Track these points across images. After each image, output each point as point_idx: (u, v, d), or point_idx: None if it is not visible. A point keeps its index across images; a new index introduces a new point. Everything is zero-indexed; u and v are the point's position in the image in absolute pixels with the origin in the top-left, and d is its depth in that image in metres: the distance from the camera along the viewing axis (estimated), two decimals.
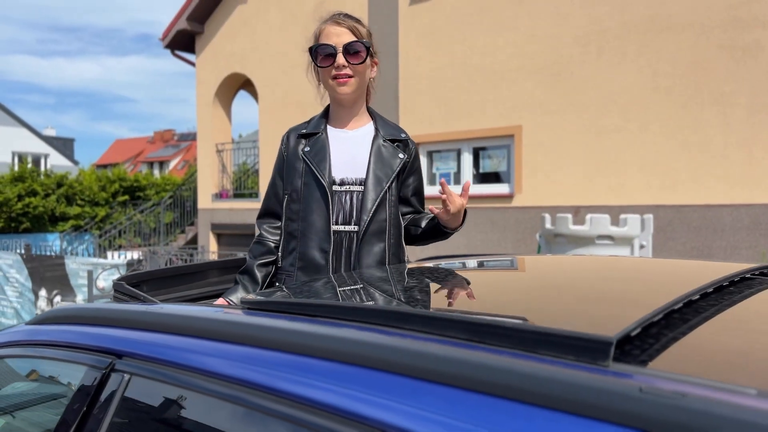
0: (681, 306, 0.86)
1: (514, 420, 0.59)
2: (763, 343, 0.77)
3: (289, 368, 0.79)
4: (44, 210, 15.20)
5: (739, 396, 0.54)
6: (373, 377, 0.71)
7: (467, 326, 0.75)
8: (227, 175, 12.12)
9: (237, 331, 0.89)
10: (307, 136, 1.86)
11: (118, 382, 0.93)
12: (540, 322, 0.77)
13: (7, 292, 8.00)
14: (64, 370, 1.07)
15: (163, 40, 11.80)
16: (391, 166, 1.82)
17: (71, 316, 1.12)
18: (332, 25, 1.79)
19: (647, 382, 0.56)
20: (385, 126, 1.90)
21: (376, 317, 0.84)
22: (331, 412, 0.71)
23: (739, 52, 6.33)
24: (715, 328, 0.80)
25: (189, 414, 0.87)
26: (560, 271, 1.20)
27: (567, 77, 7.45)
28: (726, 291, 1.02)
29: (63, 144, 42.97)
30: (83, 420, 0.93)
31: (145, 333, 0.97)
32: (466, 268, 1.35)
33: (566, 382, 0.59)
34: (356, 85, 1.80)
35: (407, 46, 8.91)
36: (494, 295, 1.03)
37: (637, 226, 5.58)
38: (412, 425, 0.64)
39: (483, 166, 8.47)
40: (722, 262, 1.26)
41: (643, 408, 0.52)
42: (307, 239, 1.76)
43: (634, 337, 0.72)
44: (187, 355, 0.89)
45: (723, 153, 6.44)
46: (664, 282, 1.02)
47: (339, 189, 1.78)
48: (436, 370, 0.67)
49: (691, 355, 0.70)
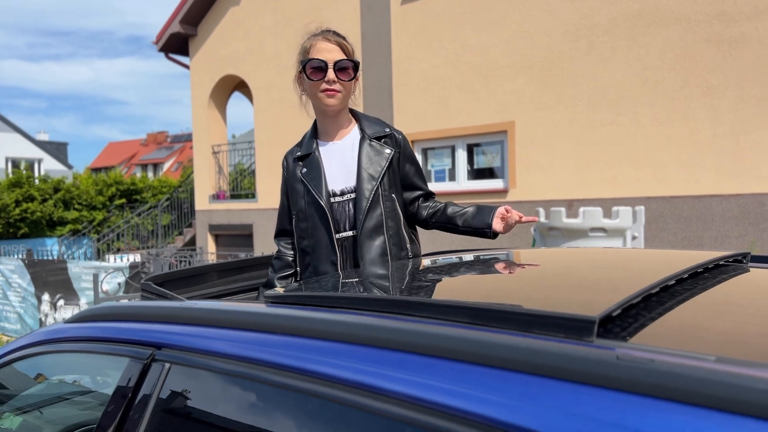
0: (658, 290, 0.97)
1: (512, 386, 0.70)
2: (726, 321, 0.89)
3: (310, 350, 0.90)
4: (42, 215, 15.26)
5: (700, 361, 0.66)
6: (388, 356, 0.82)
7: (470, 311, 0.86)
8: (224, 177, 12.20)
9: (261, 320, 1.00)
10: (302, 158, 1.98)
11: (159, 371, 1.04)
12: (533, 306, 0.89)
13: (10, 297, 8.08)
14: (106, 362, 1.18)
15: (157, 43, 11.86)
16: (379, 162, 1.94)
17: (109, 313, 1.23)
18: (323, 41, 1.91)
19: (623, 352, 0.68)
20: (369, 125, 2.01)
21: (389, 306, 0.96)
22: (349, 386, 0.82)
23: (726, 45, 6.46)
24: (686, 309, 0.92)
25: (224, 395, 0.98)
26: (551, 261, 1.32)
27: (558, 73, 7.58)
28: (700, 277, 1.14)
29: (56, 148, 42.86)
30: (129, 405, 1.04)
31: (181, 326, 1.08)
32: (465, 261, 1.47)
33: (556, 353, 0.70)
34: (342, 98, 1.93)
35: (400, 45, 9.02)
36: (492, 285, 1.14)
37: (629, 218, 5.71)
38: (423, 394, 0.75)
39: (477, 162, 8.59)
40: (699, 251, 1.38)
41: (618, 372, 0.64)
42: (318, 253, 1.90)
43: (616, 317, 0.84)
44: (220, 343, 1.01)
45: (711, 144, 6.58)
46: (644, 269, 1.13)
47: (340, 199, 1.91)
48: (443, 347, 0.78)
49: (664, 331, 0.82)
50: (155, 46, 11.98)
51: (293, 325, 0.96)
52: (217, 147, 12.04)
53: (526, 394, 0.68)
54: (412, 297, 1.00)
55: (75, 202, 16.21)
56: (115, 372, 1.12)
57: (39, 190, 15.50)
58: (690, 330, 0.83)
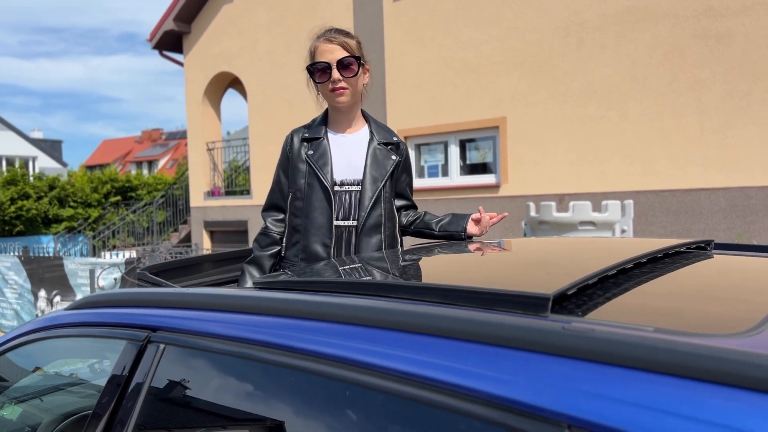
0: (615, 272, 1.05)
1: (475, 356, 0.78)
2: (674, 299, 0.97)
3: (296, 330, 0.98)
4: (37, 212, 15.28)
5: (639, 331, 0.74)
6: (366, 333, 0.90)
7: (440, 292, 0.94)
8: (218, 173, 12.26)
9: (250, 303, 1.08)
10: (309, 140, 2.05)
11: (155, 352, 1.12)
12: (499, 286, 0.97)
13: (6, 294, 8.14)
14: (105, 345, 1.25)
15: (151, 40, 11.89)
16: (385, 167, 2.04)
17: (106, 300, 1.30)
18: (325, 43, 1.98)
19: (569, 324, 0.76)
20: (378, 130, 2.11)
21: (368, 289, 1.04)
22: (332, 361, 0.89)
23: (713, 41, 6.55)
24: (639, 289, 1.00)
25: (215, 372, 1.06)
26: (522, 249, 1.40)
27: (549, 69, 7.66)
28: (660, 262, 1.22)
29: (51, 146, 42.74)
30: (126, 384, 1.12)
31: (175, 310, 1.15)
32: (445, 251, 1.55)
33: (512, 326, 0.78)
34: (351, 94, 2.01)
35: (393, 42, 9.08)
36: (466, 269, 1.22)
37: (618, 211, 5.80)
38: (398, 365, 0.83)
39: (470, 158, 8.67)
40: (666, 239, 1.46)
41: (563, 341, 0.72)
42: (310, 234, 1.97)
43: (571, 295, 0.92)
44: (211, 324, 1.08)
45: (699, 138, 6.67)
46: (607, 255, 1.21)
47: (339, 189, 1.99)
48: (417, 324, 0.86)
49: (615, 308, 0.90)
50: (149, 43, 12.01)
51: (281, 307, 1.03)
52: (211, 144, 12.08)
53: (486, 363, 0.76)
54: (389, 281, 1.08)
55: (70, 200, 16.24)
56: (113, 354, 1.20)
57: (34, 187, 15.52)
58: (639, 307, 0.91)
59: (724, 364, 0.62)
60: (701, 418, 0.59)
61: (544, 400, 0.68)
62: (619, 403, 0.64)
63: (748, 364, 0.61)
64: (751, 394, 0.60)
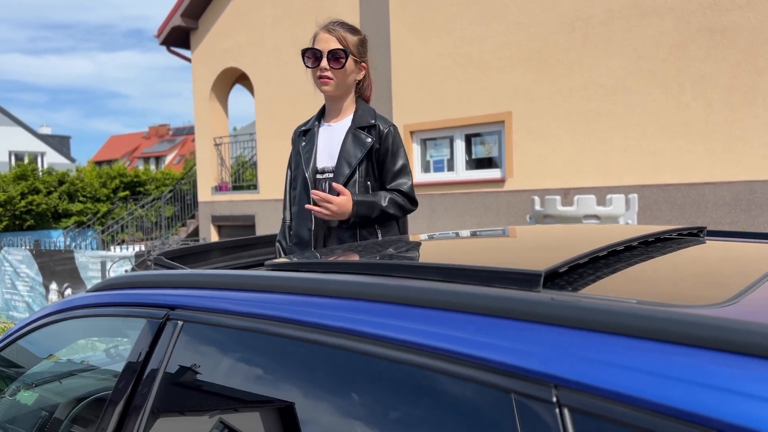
0: (606, 254, 1.12)
1: (473, 326, 0.84)
2: (658, 278, 1.04)
3: (306, 305, 1.04)
4: (47, 207, 15.43)
5: (622, 303, 0.80)
6: (375, 308, 0.97)
7: (440, 271, 1.01)
8: (226, 168, 12.35)
9: (261, 282, 1.15)
10: (305, 132, 2.18)
11: (173, 328, 1.19)
12: (498, 265, 1.03)
13: (18, 287, 8.26)
14: (126, 323, 1.33)
15: (159, 36, 11.98)
16: (357, 150, 2.07)
17: (127, 282, 1.37)
18: (324, 32, 2.08)
19: (558, 296, 0.82)
20: (360, 115, 2.13)
21: (374, 269, 1.11)
22: (338, 332, 0.96)
23: (718, 35, 6.57)
24: (628, 269, 1.06)
25: (228, 346, 1.13)
26: (524, 234, 1.47)
27: (554, 64, 7.69)
28: (651, 246, 1.28)
29: (59, 142, 43.00)
30: (147, 358, 1.19)
31: (191, 290, 1.23)
32: (451, 236, 1.61)
33: (506, 298, 0.85)
34: (336, 85, 2.08)
35: (398, 37, 9.13)
36: (469, 251, 1.29)
37: (622, 205, 5.85)
38: (404, 336, 0.90)
39: (475, 152, 8.72)
40: (661, 226, 1.52)
41: (550, 310, 0.78)
42: (299, 219, 2.11)
43: (563, 273, 0.99)
44: (225, 302, 1.15)
45: (704, 133, 6.70)
46: (602, 238, 1.28)
47: (321, 177, 2.09)
48: (418, 298, 0.93)
49: (603, 284, 0.97)
50: (156, 39, 12.09)
51: (290, 285, 1.10)
52: (219, 139, 12.17)
53: (482, 332, 0.83)
54: (391, 261, 1.15)
55: (79, 195, 16.39)
56: (133, 332, 1.27)
57: (44, 182, 15.68)
58: (626, 283, 0.98)
59: (695, 328, 0.69)
60: (673, 375, 0.66)
61: (533, 363, 0.75)
62: (601, 365, 0.71)
63: (716, 327, 0.67)
64: (715, 353, 0.66)
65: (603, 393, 0.69)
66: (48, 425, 1.56)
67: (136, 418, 1.16)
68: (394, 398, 0.87)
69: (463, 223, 8.46)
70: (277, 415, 1.03)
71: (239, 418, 1.09)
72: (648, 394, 0.66)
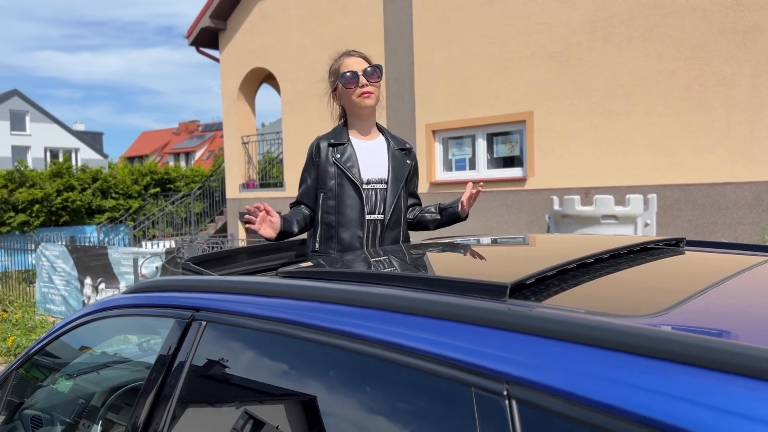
0: (575, 266, 1.26)
1: (445, 330, 1.00)
2: (615, 289, 1.17)
3: (311, 310, 1.21)
4: (81, 203, 15.93)
5: (572, 312, 0.95)
6: (365, 313, 1.13)
7: (426, 281, 1.17)
8: (253, 166, 12.62)
9: (276, 289, 1.31)
10: (335, 145, 2.33)
11: (198, 328, 1.37)
12: (476, 277, 1.18)
13: (55, 281, 8.62)
14: (156, 322, 1.51)
15: (188, 37, 12.28)
16: (403, 169, 2.36)
17: (157, 285, 1.56)
18: (348, 58, 2.30)
19: (514, 305, 0.97)
20: (393, 138, 2.42)
21: (368, 278, 1.27)
22: (338, 334, 1.12)
23: (740, 35, 6.56)
24: (591, 281, 1.20)
25: (247, 345, 1.30)
26: (506, 245, 1.61)
27: (575, 63, 7.74)
28: (623, 257, 1.42)
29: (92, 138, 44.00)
30: (175, 354, 1.37)
31: (214, 294, 1.40)
32: (439, 246, 1.76)
33: (473, 307, 1.00)
34: (376, 99, 2.31)
35: (421, 37, 9.25)
36: (454, 262, 1.44)
37: (640, 205, 5.90)
38: (395, 339, 1.05)
39: (497, 152, 8.81)
40: (643, 236, 1.65)
41: (505, 317, 0.93)
42: (345, 228, 2.26)
43: (530, 284, 1.13)
44: (245, 306, 1.32)
45: (726, 133, 6.70)
46: (579, 250, 1.42)
47: (366, 187, 2.28)
48: (407, 306, 1.08)
49: (563, 295, 1.11)
50: (186, 39, 12.40)
51: (302, 292, 1.27)
52: (246, 137, 12.44)
53: (450, 335, 0.98)
54: (384, 271, 1.31)
55: (112, 191, 16.88)
56: (163, 330, 1.45)
57: (78, 180, 16.19)
58: (584, 295, 1.12)
59: (621, 336, 0.83)
60: (595, 374, 0.80)
61: (490, 362, 0.90)
62: (543, 365, 0.86)
63: (636, 335, 0.82)
64: (638, 358, 0.80)
65: (544, 388, 0.84)
66: (88, 412, 1.76)
67: (165, 406, 1.34)
68: (379, 391, 1.03)
69: (485, 221, 8.56)
70: (286, 406, 1.20)
71: (254, 408, 1.26)
72: (576, 388, 0.81)
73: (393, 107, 9.60)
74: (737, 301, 1.04)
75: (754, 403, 0.68)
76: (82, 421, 1.75)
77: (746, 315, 0.98)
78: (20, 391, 1.98)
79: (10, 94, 36.56)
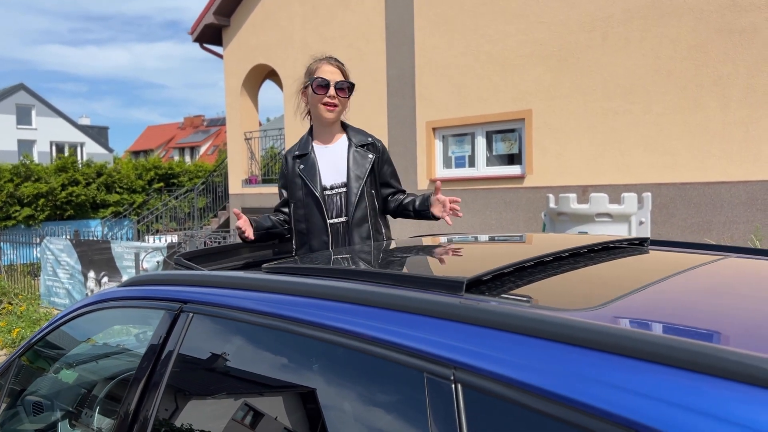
0: (533, 264, 1.35)
1: (404, 322, 1.09)
2: (566, 285, 1.27)
3: (290, 304, 1.31)
4: (86, 198, 16.09)
5: (517, 306, 1.05)
6: (336, 306, 1.23)
7: (390, 277, 1.26)
8: (256, 162, 12.73)
9: (257, 283, 1.41)
10: (300, 156, 2.44)
11: (186, 319, 1.47)
12: (438, 273, 1.28)
13: (59, 274, 8.76)
14: (147, 314, 1.62)
15: (192, 34, 12.38)
16: (364, 165, 2.40)
17: (149, 280, 1.66)
18: (327, 65, 2.36)
19: (465, 300, 1.07)
20: (354, 135, 2.46)
21: (342, 274, 1.37)
22: (314, 326, 1.22)
23: (736, 36, 6.62)
24: (544, 278, 1.30)
25: (230, 335, 1.40)
26: (475, 243, 1.71)
27: (574, 62, 7.81)
28: (585, 255, 1.51)
29: (98, 132, 44.17)
30: (164, 343, 1.48)
31: (202, 288, 1.50)
32: (407, 245, 1.86)
33: (434, 302, 1.09)
34: (339, 113, 2.41)
35: (422, 35, 9.33)
36: (418, 260, 1.54)
37: (634, 203, 5.97)
38: (361, 329, 1.15)
39: (496, 149, 8.90)
40: (610, 235, 1.74)
41: (456, 310, 1.03)
42: (313, 235, 2.37)
43: (487, 280, 1.23)
44: (229, 299, 1.42)
45: (721, 132, 6.77)
46: (542, 248, 1.51)
47: (330, 192, 2.36)
48: (376, 300, 1.18)
49: (516, 291, 1.20)
50: (190, 36, 12.50)
51: (280, 287, 1.37)
52: (249, 133, 12.55)
53: (407, 326, 1.08)
54: (355, 267, 1.41)
55: (116, 186, 17.03)
56: (154, 321, 1.56)
57: (83, 174, 16.34)
58: (535, 290, 1.22)
59: (555, 328, 0.93)
60: (530, 364, 0.90)
61: (440, 350, 1.00)
62: (491, 355, 0.96)
63: (568, 326, 0.91)
64: (567, 347, 0.90)
65: (485, 373, 0.94)
66: (85, 398, 1.87)
67: (155, 390, 1.44)
68: (346, 377, 1.13)
69: (484, 218, 8.65)
70: (264, 390, 1.30)
71: (235, 392, 1.36)
72: (515, 374, 0.90)
73: (394, 104, 9.68)
74: (672, 297, 1.14)
75: (635, 376, 0.78)
76: (80, 407, 1.86)
77: (675, 309, 1.07)
78: (22, 378, 2.09)
79: (17, 88, 36.77)
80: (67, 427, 1.86)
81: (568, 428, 0.82)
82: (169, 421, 1.39)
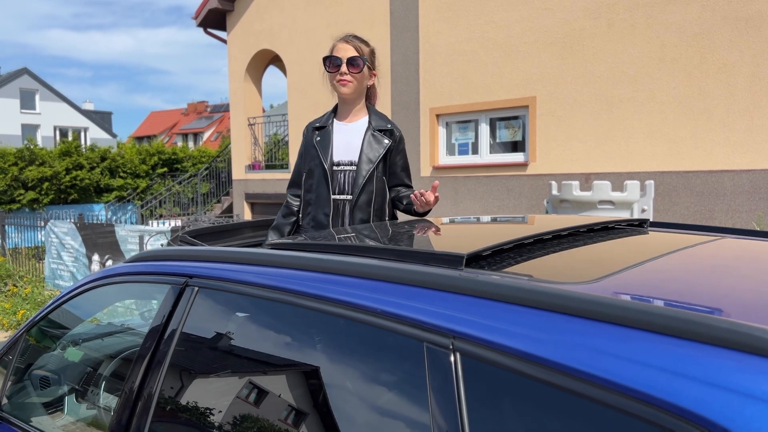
0: (532, 241, 1.38)
1: (408, 293, 1.12)
2: (564, 261, 1.29)
3: (294, 278, 1.33)
4: (90, 182, 16.15)
5: (518, 279, 1.07)
6: (344, 280, 1.25)
7: (392, 252, 1.29)
8: (259, 148, 12.74)
9: (260, 258, 1.44)
10: (319, 128, 2.47)
11: (191, 293, 1.50)
12: (440, 249, 1.30)
13: (64, 257, 8.81)
14: (154, 288, 1.64)
15: (196, 18, 12.34)
16: (378, 150, 2.42)
17: (155, 255, 1.69)
18: (342, 43, 2.40)
19: (466, 273, 1.09)
20: (376, 119, 2.48)
21: (348, 250, 1.39)
22: (317, 298, 1.25)
23: (742, 23, 6.59)
24: (543, 255, 1.32)
25: (234, 308, 1.43)
26: (477, 224, 1.73)
27: (578, 49, 7.78)
28: (584, 235, 1.53)
29: (101, 117, 44.17)
30: (170, 316, 1.50)
31: (206, 263, 1.53)
32: (414, 224, 1.88)
33: (434, 274, 1.12)
34: (353, 88, 2.40)
35: (427, 22, 9.29)
36: (422, 237, 1.56)
37: (636, 191, 5.98)
38: (363, 302, 1.17)
39: (499, 136, 8.89)
40: (609, 216, 1.76)
41: (455, 282, 1.05)
42: (317, 206, 2.40)
43: (486, 255, 1.25)
44: (233, 273, 1.45)
45: (725, 121, 6.75)
46: (542, 227, 1.53)
47: (337, 168, 2.39)
48: (377, 273, 1.20)
49: (515, 266, 1.23)
50: (194, 20, 12.46)
51: (284, 261, 1.39)
52: (252, 119, 12.55)
53: (409, 298, 1.10)
54: (358, 243, 1.43)
55: (120, 171, 17.07)
56: (159, 295, 1.58)
57: (87, 158, 16.38)
58: (534, 266, 1.24)
59: (551, 298, 0.95)
60: (529, 333, 0.92)
61: (440, 321, 1.02)
62: (489, 325, 0.98)
63: (563, 297, 0.94)
64: (561, 316, 0.92)
65: (482, 342, 0.96)
66: (91, 373, 1.90)
67: (160, 365, 1.47)
68: (351, 347, 1.16)
69: (486, 205, 8.67)
70: (268, 362, 1.33)
71: (239, 365, 1.39)
72: (512, 342, 0.93)
73: (398, 90, 9.66)
74: (667, 272, 1.16)
75: (628, 344, 0.81)
76: (86, 382, 1.89)
77: (669, 283, 1.10)
78: (29, 353, 2.13)
79: (20, 72, 36.73)
80: (74, 401, 1.90)
81: (562, 394, 0.85)
82: (175, 392, 1.42)
